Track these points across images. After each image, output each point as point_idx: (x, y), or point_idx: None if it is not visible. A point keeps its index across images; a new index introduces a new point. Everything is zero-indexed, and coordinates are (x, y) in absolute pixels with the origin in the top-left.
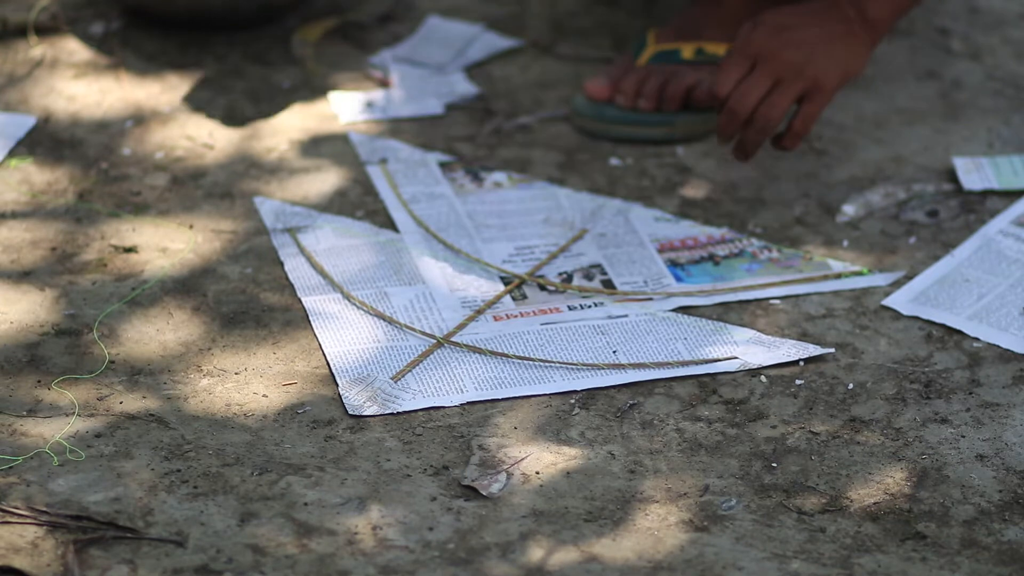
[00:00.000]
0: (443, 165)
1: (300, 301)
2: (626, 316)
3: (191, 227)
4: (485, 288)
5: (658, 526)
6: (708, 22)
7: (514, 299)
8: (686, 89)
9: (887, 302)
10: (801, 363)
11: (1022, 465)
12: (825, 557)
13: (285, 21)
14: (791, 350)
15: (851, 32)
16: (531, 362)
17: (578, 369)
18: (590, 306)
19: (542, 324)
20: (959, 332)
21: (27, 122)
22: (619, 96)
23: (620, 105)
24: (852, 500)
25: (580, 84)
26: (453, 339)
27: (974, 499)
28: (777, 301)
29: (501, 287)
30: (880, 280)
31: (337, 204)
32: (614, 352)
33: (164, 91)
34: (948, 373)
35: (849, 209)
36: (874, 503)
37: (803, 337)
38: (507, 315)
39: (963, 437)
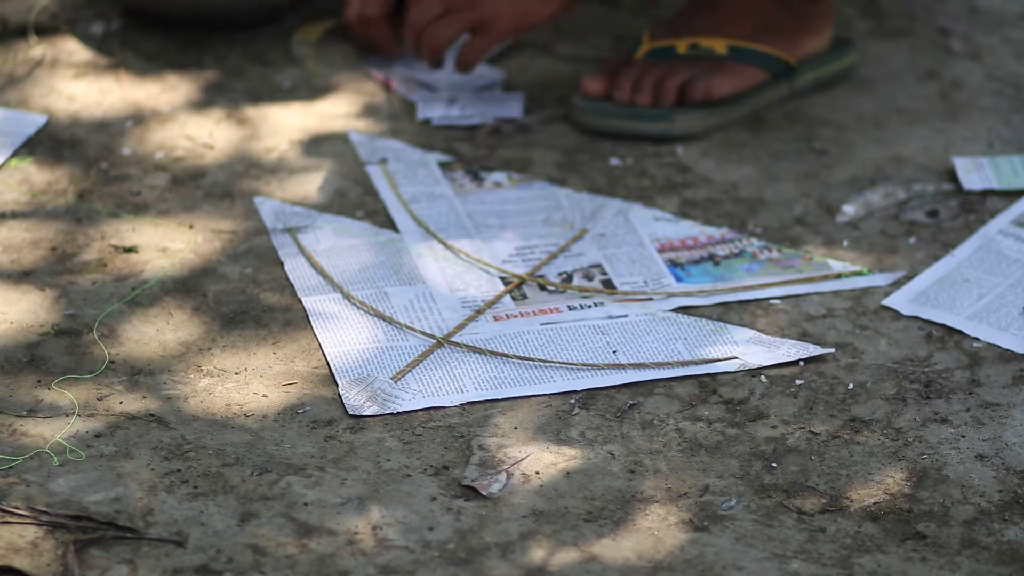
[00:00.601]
0: (443, 165)
1: (300, 301)
2: (626, 316)
3: (191, 227)
4: (485, 288)
5: (658, 526)
6: (703, 18)
7: (514, 299)
8: (681, 83)
9: (887, 302)
10: (801, 363)
11: (1022, 465)
12: (825, 557)
13: (285, 21)
14: (791, 350)
15: None
16: (531, 362)
17: (578, 369)
18: (590, 306)
19: (542, 324)
20: (959, 332)
21: (37, 121)
22: (616, 91)
23: (618, 100)
24: (852, 500)
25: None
26: (453, 339)
27: (974, 499)
28: (777, 301)
29: (501, 287)
30: (880, 280)
31: (337, 204)
32: (614, 352)
33: (164, 91)
34: (948, 373)
35: (849, 209)
36: (874, 503)
37: (803, 337)
38: (507, 315)
39: (963, 437)
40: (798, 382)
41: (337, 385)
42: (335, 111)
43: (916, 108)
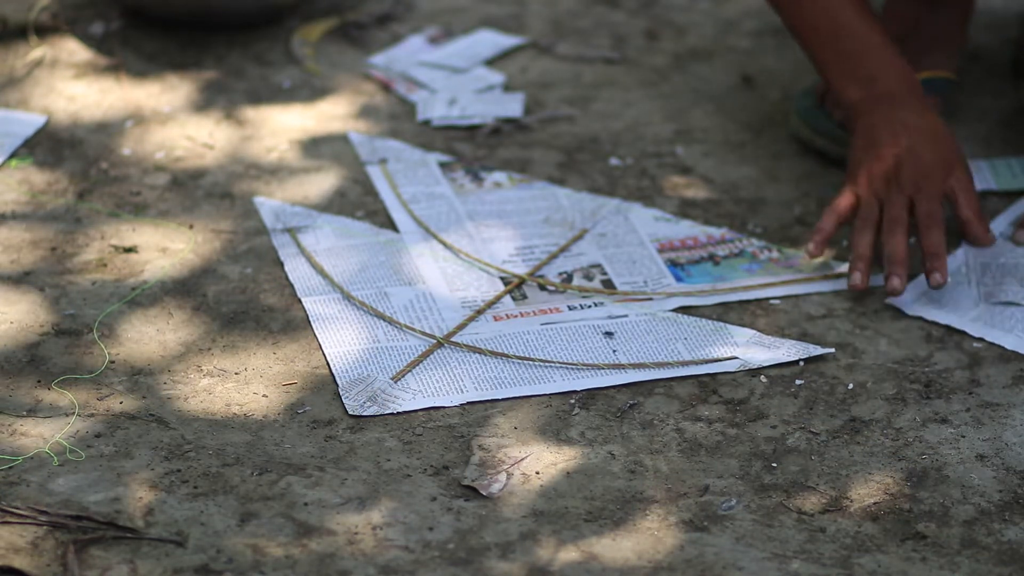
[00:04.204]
0: (443, 165)
1: (300, 301)
2: (626, 316)
3: (191, 227)
4: (485, 288)
5: (658, 526)
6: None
7: (514, 299)
8: None
9: (890, 301)
10: (801, 363)
11: (1022, 465)
12: (825, 557)
13: (285, 21)
14: (791, 350)
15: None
16: (531, 362)
17: (578, 369)
18: (590, 306)
19: (542, 324)
20: (960, 332)
21: (36, 121)
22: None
23: (835, 117)
24: (852, 500)
25: (580, 83)
26: (453, 339)
27: (974, 499)
28: (777, 301)
29: (501, 287)
30: (881, 279)
31: (337, 204)
32: (614, 352)
33: (164, 91)
34: (948, 373)
35: None
36: (874, 503)
37: (803, 337)
38: (507, 315)
39: (963, 437)
40: (798, 382)
41: (337, 385)
42: (335, 111)
43: None
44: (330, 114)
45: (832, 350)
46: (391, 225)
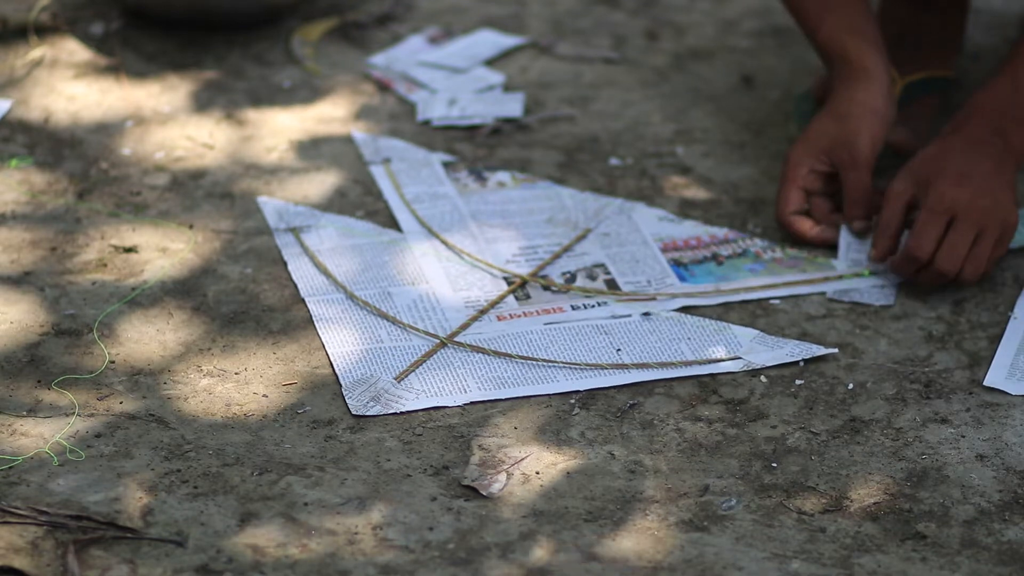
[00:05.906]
0: (447, 165)
1: (301, 301)
2: (629, 316)
3: (191, 227)
4: (488, 288)
5: (658, 526)
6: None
7: (517, 299)
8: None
9: (989, 383)
10: (801, 363)
11: (1022, 465)
12: (825, 557)
13: (285, 21)
14: (792, 350)
15: (1005, 163)
16: (535, 362)
17: (581, 369)
18: (593, 306)
19: (545, 324)
20: (960, 332)
21: (1, 106)
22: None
23: None
24: (852, 500)
25: (580, 83)
26: (456, 339)
27: (974, 499)
28: (777, 301)
29: (504, 287)
30: (882, 281)
31: (337, 204)
32: (618, 351)
33: (164, 91)
34: (948, 373)
35: None
36: (874, 503)
37: (803, 337)
38: (510, 315)
39: (963, 437)
40: (798, 382)
41: (339, 385)
42: (335, 111)
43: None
44: (330, 114)
45: (834, 350)
46: (394, 225)
